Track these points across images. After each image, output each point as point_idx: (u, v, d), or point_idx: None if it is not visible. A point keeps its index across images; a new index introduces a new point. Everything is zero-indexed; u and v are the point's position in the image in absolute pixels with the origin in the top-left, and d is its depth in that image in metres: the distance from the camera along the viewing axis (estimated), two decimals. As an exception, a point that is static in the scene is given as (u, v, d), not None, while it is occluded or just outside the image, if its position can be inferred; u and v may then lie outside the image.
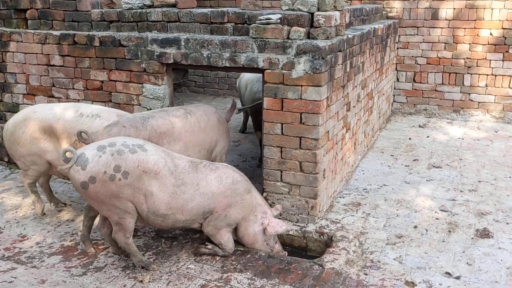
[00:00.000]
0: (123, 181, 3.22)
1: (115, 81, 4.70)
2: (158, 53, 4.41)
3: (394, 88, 7.71)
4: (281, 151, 4.14)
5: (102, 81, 4.77)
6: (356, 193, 4.85)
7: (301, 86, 3.93)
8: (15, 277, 3.48)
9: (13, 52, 5.13)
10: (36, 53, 5.01)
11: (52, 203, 4.53)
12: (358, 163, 5.64)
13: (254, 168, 5.58)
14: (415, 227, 4.17)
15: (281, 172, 4.19)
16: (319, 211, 4.24)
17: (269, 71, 4.00)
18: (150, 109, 4.60)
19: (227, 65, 4.19)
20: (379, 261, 3.65)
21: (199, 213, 3.53)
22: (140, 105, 4.65)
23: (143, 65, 4.51)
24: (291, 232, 4.14)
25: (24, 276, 3.49)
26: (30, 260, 3.71)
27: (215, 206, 3.55)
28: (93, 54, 4.71)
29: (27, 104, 5.24)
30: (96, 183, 3.18)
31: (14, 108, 5.33)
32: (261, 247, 3.83)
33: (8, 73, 5.24)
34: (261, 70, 4.09)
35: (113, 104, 4.77)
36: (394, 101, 7.79)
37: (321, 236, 4.07)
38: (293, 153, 4.10)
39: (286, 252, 3.95)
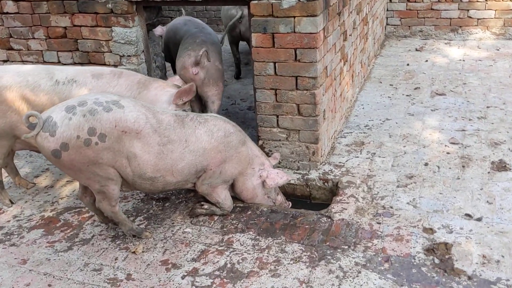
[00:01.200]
0: (101, 144, 2.78)
1: (80, 26, 4.11)
2: (125, -10, 3.82)
3: (387, 10, 7.14)
4: (276, 94, 3.70)
5: (65, 28, 4.17)
6: (358, 131, 4.47)
7: (294, 17, 3.41)
8: (-8, 260, 3.12)
9: (-41, 0, 4.46)
10: (-15, 0, 4.36)
11: (20, 185, 3.92)
12: (357, 97, 5.23)
13: (245, 112, 5.15)
14: (426, 164, 3.84)
15: (277, 117, 3.78)
16: (321, 156, 3.88)
17: (256, 1, 3.46)
18: (123, 55, 4.06)
19: (206, -2, 3.64)
20: (391, 207, 3.34)
21: (191, 172, 3.14)
22: (111, 51, 4.10)
23: (109, 5, 3.91)
24: (292, 181, 3.79)
25: (2, 257, 3.13)
26: (8, 237, 3.34)
27: (208, 163, 3.15)
28: (51, -4, 4.09)
29: (-16, 59, 4.65)
30: (69, 150, 2.74)
31: (-29, 65, 4.74)
32: (261, 201, 3.49)
33: (-43, 25, 4.59)
34: (246, 2, 3.55)
35: (81, 53, 4.21)
36: (387, 23, 7.25)
37: (326, 183, 3.73)
38: (289, 95, 3.66)
39: (290, 203, 3.63)
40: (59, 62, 4.34)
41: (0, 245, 3.26)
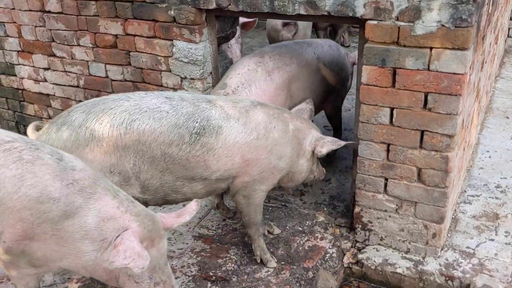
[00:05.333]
0: None
1: (134, 35, 3.21)
2: (193, -6, 2.86)
3: (510, 19, 5.77)
4: (388, 150, 2.63)
5: (116, 36, 3.29)
6: (487, 194, 3.31)
7: (431, 48, 2.32)
8: None
9: (-3, -7, 3.71)
10: (26, -6, 3.56)
11: None
12: (478, 138, 4.03)
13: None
14: None
15: (386, 180, 2.71)
16: (443, 238, 2.78)
17: (374, 22, 2.40)
18: (185, 77, 3.13)
19: (303, 12, 2.60)
20: None
21: None
22: (171, 71, 3.18)
23: (172, 12, 2.98)
24: (399, 270, 2.73)
25: None
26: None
27: None
28: (100, -5, 3.21)
29: (23, 64, 3.89)
30: None
31: (9, 70, 4.00)
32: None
33: (-5, 22, 3.85)
34: (358, 21, 2.49)
35: (134, 70, 3.32)
36: (508, 35, 5.88)
37: (450, 282, 2.64)
38: (408, 155, 2.58)
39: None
40: (107, 77, 3.48)
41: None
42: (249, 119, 2.43)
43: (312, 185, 3.62)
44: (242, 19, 4.26)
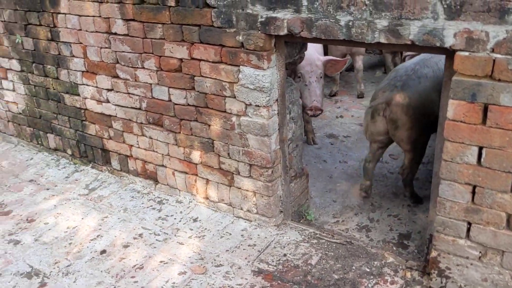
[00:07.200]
0: None
1: (199, 59, 3.13)
2: (263, 19, 2.74)
3: None
4: (474, 192, 2.39)
5: (181, 60, 3.22)
6: None
7: (531, 84, 2.08)
8: None
9: (65, 14, 3.72)
10: (93, 16, 3.55)
11: None
12: None
13: (397, 178, 3.86)
14: None
15: (469, 225, 2.46)
16: (533, 292, 2.49)
17: (466, 53, 2.19)
18: (250, 104, 3.01)
19: (383, 40, 2.42)
20: None
21: None
22: (235, 97, 3.07)
23: (240, 37, 2.87)
24: (481, 326, 2.46)
25: None
26: None
27: None
28: (167, 18, 3.14)
29: (86, 84, 3.89)
30: None
31: (73, 89, 4.02)
32: None
33: (61, 42, 3.87)
34: (447, 52, 2.29)
35: (197, 94, 3.24)
36: None
37: None
38: (498, 199, 2.33)
39: None
40: (169, 101, 3.41)
41: None
42: None
43: (379, 221, 3.39)
44: (326, 58, 4.11)
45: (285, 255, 3.06)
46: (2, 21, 4.20)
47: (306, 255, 3.04)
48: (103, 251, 3.18)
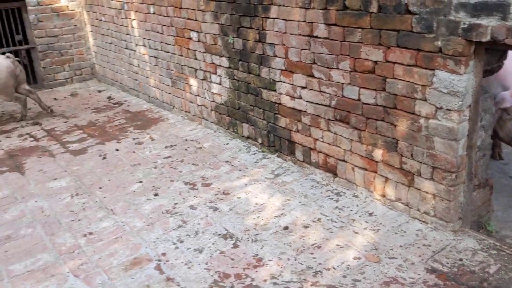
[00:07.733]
0: None
1: (394, 62, 3.33)
2: (465, 25, 2.83)
3: None
4: None
5: (375, 62, 3.46)
6: None
7: None
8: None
9: (274, 18, 4.25)
10: (298, 21, 4.01)
11: None
12: None
13: None
14: None
15: None
16: None
17: None
18: (441, 108, 3.10)
19: None
20: None
21: None
22: (426, 100, 3.19)
23: (439, 42, 3.00)
24: None
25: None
26: (260, 302, 2.86)
27: None
28: (367, 23, 3.42)
29: (283, 82, 4.37)
30: None
31: (271, 85, 4.54)
32: None
33: (267, 43, 4.43)
34: None
35: (387, 95, 3.44)
36: None
37: None
38: None
39: None
40: (358, 100, 3.68)
41: (251, 311, 2.79)
42: None
43: None
44: None
45: (461, 259, 3.08)
46: (219, 23, 4.95)
47: (484, 263, 3.02)
48: (286, 227, 3.58)
